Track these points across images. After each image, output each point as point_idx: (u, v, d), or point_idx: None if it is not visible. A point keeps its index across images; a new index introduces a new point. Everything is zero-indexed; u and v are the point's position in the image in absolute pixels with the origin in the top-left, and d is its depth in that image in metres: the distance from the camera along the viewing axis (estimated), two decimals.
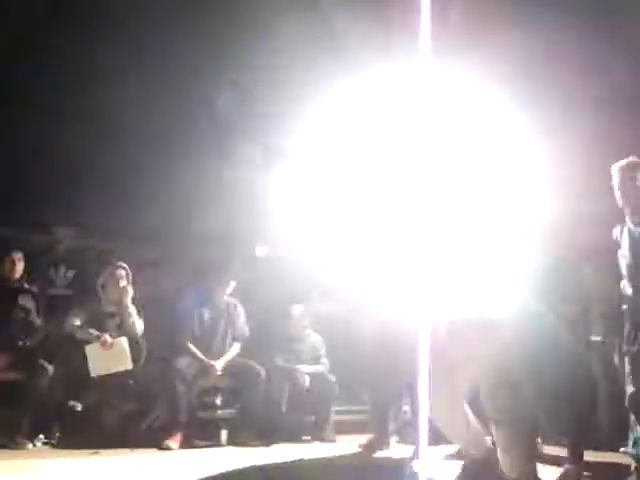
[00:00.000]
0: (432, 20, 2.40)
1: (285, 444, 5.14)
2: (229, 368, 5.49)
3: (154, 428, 5.18)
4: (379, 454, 5.00)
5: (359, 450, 5.02)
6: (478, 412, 3.42)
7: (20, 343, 5.10)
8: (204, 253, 6.05)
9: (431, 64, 2.42)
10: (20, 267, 5.27)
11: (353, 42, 4.94)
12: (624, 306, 4.05)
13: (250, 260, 6.09)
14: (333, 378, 5.67)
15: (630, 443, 3.95)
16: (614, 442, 4.70)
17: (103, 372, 5.12)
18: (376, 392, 5.28)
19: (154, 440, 4.94)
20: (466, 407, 3.34)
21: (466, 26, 4.36)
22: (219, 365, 5.44)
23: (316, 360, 5.78)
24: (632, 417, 3.95)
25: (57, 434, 4.92)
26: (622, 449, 4.42)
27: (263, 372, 5.44)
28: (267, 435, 5.19)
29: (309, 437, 5.49)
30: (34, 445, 4.78)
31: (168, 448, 4.87)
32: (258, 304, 5.97)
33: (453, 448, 4.78)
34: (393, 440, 5.18)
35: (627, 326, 3.98)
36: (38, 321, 5.24)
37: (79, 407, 5.07)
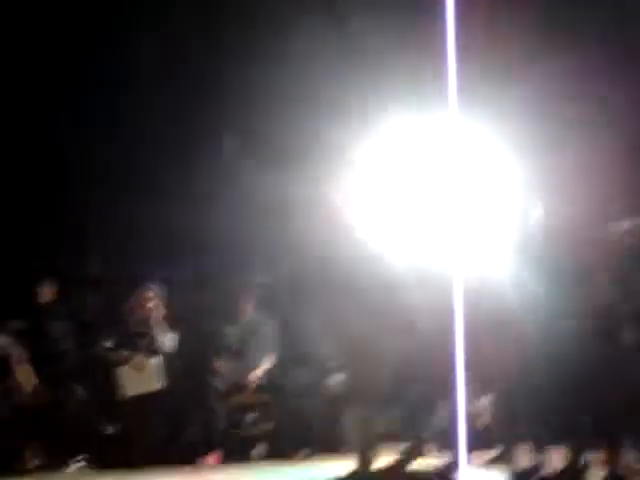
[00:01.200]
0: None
1: (321, 455, 5.13)
2: (262, 383, 5.52)
3: (190, 446, 5.21)
4: (416, 462, 4.97)
5: (396, 458, 5.00)
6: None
7: (53, 367, 5.15)
8: (229, 271, 6.07)
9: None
10: (51, 293, 5.37)
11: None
12: None
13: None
14: None
15: None
16: None
17: (135, 392, 5.15)
18: (411, 399, 5.25)
19: (191, 458, 4.97)
20: None
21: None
22: (252, 380, 5.46)
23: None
24: None
25: (94, 456, 4.96)
26: None
27: (297, 385, 5.45)
28: (303, 448, 5.19)
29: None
30: (72, 468, 4.84)
31: (204, 466, 4.90)
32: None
33: (493, 453, 4.79)
34: (430, 447, 5.14)
35: None
36: (69, 345, 5.30)
37: (114, 428, 5.11)
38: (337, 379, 5.54)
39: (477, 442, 5.40)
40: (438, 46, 3.20)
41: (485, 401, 5.59)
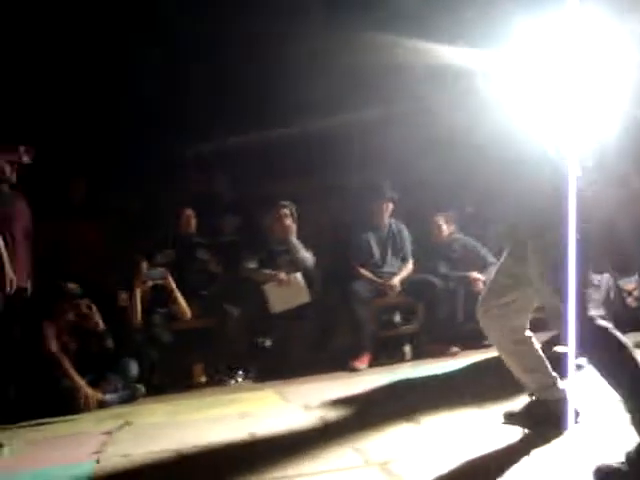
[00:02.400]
0: None
1: (468, 352, 5.18)
2: (405, 285, 5.61)
3: (341, 352, 5.43)
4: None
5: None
6: None
7: (204, 292, 5.47)
8: (362, 179, 6.09)
9: None
10: (193, 223, 5.61)
11: None
12: None
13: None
14: None
15: None
16: None
17: (284, 308, 5.37)
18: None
19: (342, 363, 5.16)
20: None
21: None
22: (396, 281, 5.56)
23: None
24: None
25: (253, 369, 5.29)
26: None
27: (439, 283, 5.50)
28: (450, 345, 5.26)
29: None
30: (235, 381, 5.16)
31: (356, 369, 5.07)
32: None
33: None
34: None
35: None
36: (217, 270, 5.57)
37: (268, 342, 5.40)
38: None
39: (626, 325, 5.28)
40: None
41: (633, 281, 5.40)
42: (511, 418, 3.02)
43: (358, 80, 5.75)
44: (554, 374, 2.98)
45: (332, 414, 3.64)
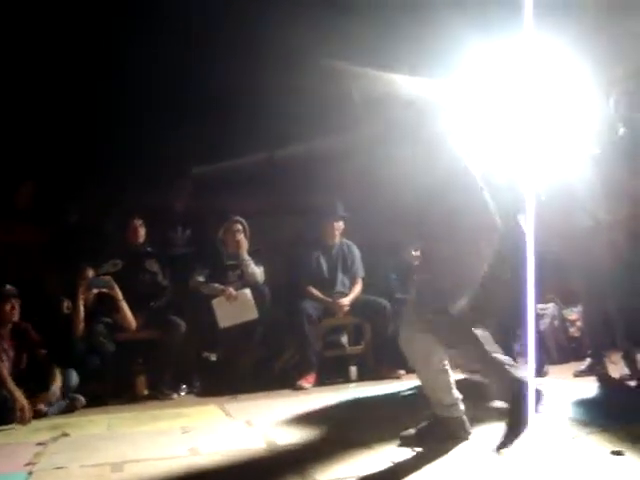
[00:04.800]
0: None
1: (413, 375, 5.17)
2: (354, 305, 5.61)
3: (286, 370, 5.41)
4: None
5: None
6: None
7: (151, 304, 5.38)
8: (311, 199, 6.10)
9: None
10: (143, 232, 5.51)
11: None
12: None
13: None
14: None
15: None
16: None
17: (231, 323, 5.33)
18: (499, 315, 5.23)
19: (288, 381, 5.15)
20: None
21: None
22: (345, 302, 5.56)
23: None
24: None
25: (197, 383, 5.23)
26: None
27: (388, 305, 5.51)
28: (396, 368, 5.27)
29: None
30: (178, 395, 5.11)
31: (301, 388, 5.06)
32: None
33: (584, 364, 4.74)
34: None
35: None
36: (165, 282, 5.49)
37: (214, 357, 5.35)
38: None
39: (568, 354, 5.40)
40: None
41: (575, 312, 5.52)
42: (408, 439, 3.08)
43: (320, 106, 5.80)
44: (457, 394, 3.10)
45: (275, 432, 3.61)
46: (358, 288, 5.74)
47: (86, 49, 5.80)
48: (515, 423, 2.86)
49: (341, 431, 3.55)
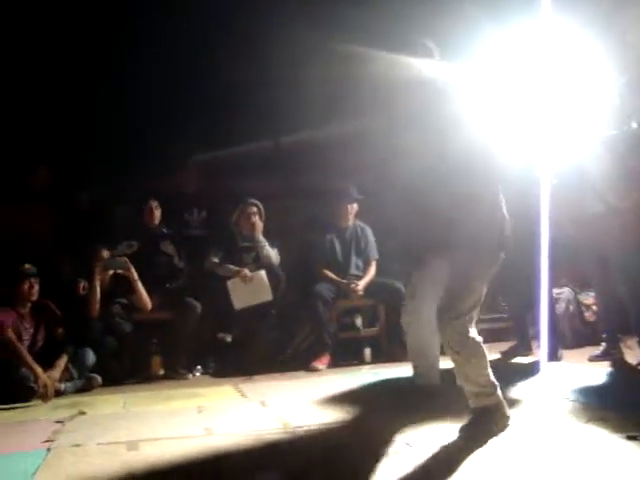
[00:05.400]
0: None
1: None
2: (369, 288, 5.61)
3: (301, 351, 5.44)
4: (520, 359, 5.00)
5: (501, 357, 5.04)
6: None
7: (167, 285, 5.42)
8: (325, 182, 6.09)
9: None
10: (158, 214, 5.54)
11: None
12: None
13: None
14: None
15: None
16: None
17: (245, 305, 5.36)
18: (514, 299, 5.23)
19: (302, 363, 5.19)
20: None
21: None
22: (361, 286, 5.56)
23: None
24: None
25: (212, 364, 5.28)
26: None
27: (402, 288, 5.50)
28: None
29: None
30: (193, 375, 5.16)
31: (316, 369, 5.09)
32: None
33: (599, 349, 4.73)
34: (534, 345, 5.13)
35: None
36: (181, 263, 5.52)
37: (229, 338, 5.38)
38: None
39: (584, 339, 5.39)
40: None
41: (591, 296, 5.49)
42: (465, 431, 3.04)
43: (334, 91, 5.80)
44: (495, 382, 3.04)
45: (290, 413, 3.63)
46: (372, 270, 5.74)
47: (98, 40, 5.86)
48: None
49: (355, 414, 3.56)
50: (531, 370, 4.48)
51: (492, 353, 4.95)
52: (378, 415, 3.48)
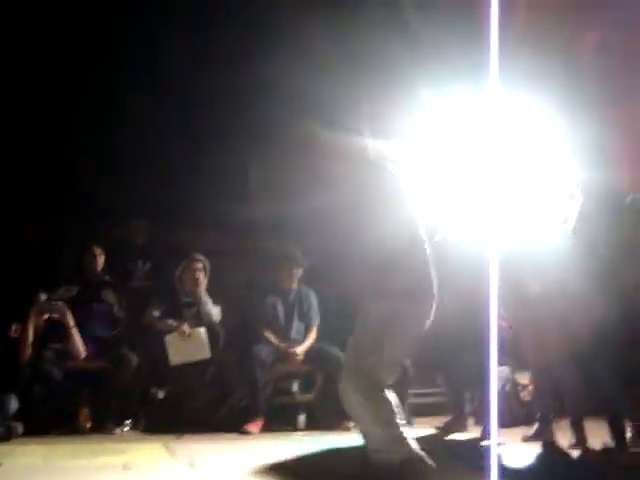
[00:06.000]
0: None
1: None
2: (307, 353, 5.57)
3: (234, 413, 5.33)
4: (456, 436, 5.00)
5: (436, 432, 5.03)
6: None
7: (103, 334, 5.28)
8: (269, 244, 6.12)
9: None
10: (101, 261, 5.45)
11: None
12: None
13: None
14: (408, 361, 5.67)
15: None
16: None
17: (182, 361, 5.27)
18: (452, 374, 5.26)
19: (235, 425, 5.06)
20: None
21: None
22: (300, 351, 5.52)
23: None
24: None
25: (142, 420, 5.12)
26: None
27: (341, 355, 5.48)
28: (344, 420, 5.22)
29: None
30: (122, 430, 4.99)
31: (248, 433, 4.98)
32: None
33: (532, 429, 4.76)
34: (470, 422, 5.15)
35: None
36: (120, 313, 5.41)
37: (161, 394, 5.25)
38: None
39: (518, 418, 5.43)
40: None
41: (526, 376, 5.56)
42: None
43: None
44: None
45: (217, 476, 3.54)
46: (312, 336, 5.70)
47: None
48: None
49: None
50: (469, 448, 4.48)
51: (427, 428, 5.02)
52: None
